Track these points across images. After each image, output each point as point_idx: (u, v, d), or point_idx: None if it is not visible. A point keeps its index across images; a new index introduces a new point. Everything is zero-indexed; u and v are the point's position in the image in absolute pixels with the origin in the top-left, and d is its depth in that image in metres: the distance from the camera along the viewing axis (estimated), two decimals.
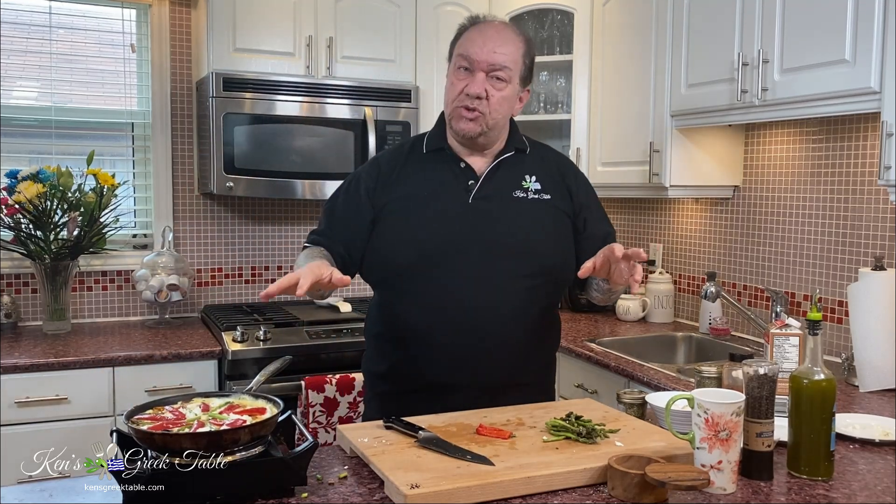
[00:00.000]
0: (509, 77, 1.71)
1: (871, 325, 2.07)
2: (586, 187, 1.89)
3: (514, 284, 1.72)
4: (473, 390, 1.72)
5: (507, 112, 1.75)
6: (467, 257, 1.71)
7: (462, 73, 1.72)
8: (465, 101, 1.70)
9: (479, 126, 1.71)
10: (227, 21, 2.91)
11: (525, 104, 1.85)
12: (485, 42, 1.70)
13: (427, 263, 1.72)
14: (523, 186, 1.79)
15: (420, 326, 1.73)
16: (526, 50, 1.75)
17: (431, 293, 1.72)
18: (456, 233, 1.72)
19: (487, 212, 1.74)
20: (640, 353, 2.59)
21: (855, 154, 2.45)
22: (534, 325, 1.77)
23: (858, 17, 2.00)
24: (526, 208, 1.77)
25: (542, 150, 1.89)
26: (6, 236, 2.86)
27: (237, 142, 2.90)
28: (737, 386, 1.44)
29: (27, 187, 2.72)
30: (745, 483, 1.35)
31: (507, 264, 1.72)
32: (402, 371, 1.78)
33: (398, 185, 1.78)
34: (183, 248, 3.27)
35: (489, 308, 1.71)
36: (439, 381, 1.73)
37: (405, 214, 1.75)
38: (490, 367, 1.73)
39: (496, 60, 1.69)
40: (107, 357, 2.56)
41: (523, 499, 1.26)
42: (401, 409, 1.57)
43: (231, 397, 1.44)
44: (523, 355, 1.77)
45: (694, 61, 2.60)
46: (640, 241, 3.44)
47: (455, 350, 1.71)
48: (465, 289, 1.70)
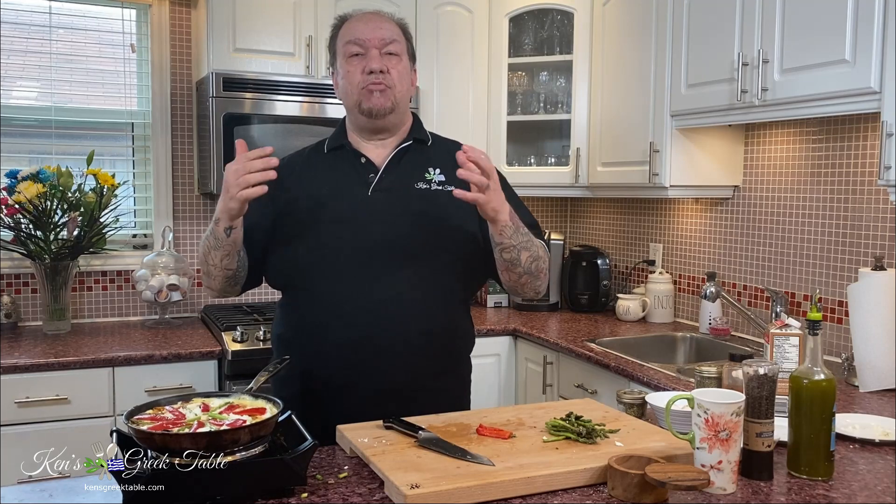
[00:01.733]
0: (400, 51, 1.73)
1: (871, 325, 2.07)
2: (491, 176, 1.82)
3: (415, 280, 1.67)
4: (371, 393, 1.66)
5: (407, 88, 1.76)
6: (366, 253, 1.66)
7: (356, 59, 1.71)
8: (370, 79, 1.69)
9: (389, 100, 1.70)
10: (227, 21, 2.91)
11: (415, 86, 1.83)
12: (367, 23, 1.73)
13: (325, 262, 1.67)
14: (426, 178, 1.74)
15: (316, 326, 1.68)
16: (403, 31, 1.78)
17: (329, 292, 1.67)
18: (355, 229, 1.68)
19: (387, 204, 1.70)
20: (639, 353, 2.59)
21: (855, 154, 2.45)
22: (438, 324, 1.71)
23: (858, 17, 2.00)
24: (428, 200, 1.71)
25: (449, 144, 1.83)
26: (6, 236, 2.86)
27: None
28: (737, 386, 1.44)
29: (27, 187, 2.72)
30: (745, 483, 1.35)
31: (408, 259, 1.67)
32: (305, 375, 1.71)
33: (297, 185, 1.74)
34: (183, 248, 3.27)
35: (387, 305, 1.65)
36: (334, 382, 1.68)
37: (304, 214, 1.71)
38: (388, 368, 1.66)
39: (385, 35, 1.71)
40: (107, 357, 2.56)
41: (523, 499, 1.26)
42: (303, 412, 1.49)
43: (231, 397, 1.43)
44: (427, 355, 1.70)
45: (694, 61, 2.60)
46: (640, 241, 3.45)
47: (351, 350, 1.66)
48: (363, 286, 1.65)
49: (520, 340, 3.10)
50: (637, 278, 3.41)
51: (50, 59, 3.08)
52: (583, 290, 3.41)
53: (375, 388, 1.67)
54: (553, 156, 3.45)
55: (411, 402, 1.64)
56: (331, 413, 1.60)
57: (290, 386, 1.73)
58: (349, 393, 1.67)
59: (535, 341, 2.96)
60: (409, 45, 1.78)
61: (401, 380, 1.68)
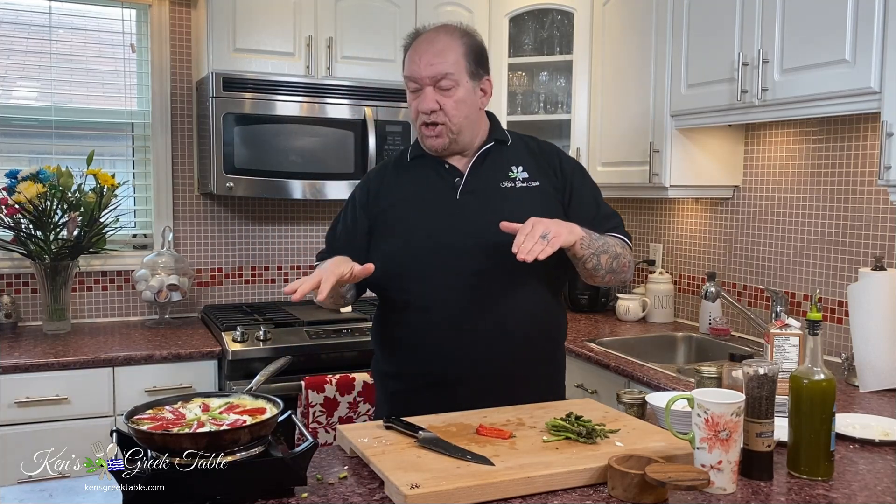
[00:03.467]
0: (455, 81, 1.74)
1: (871, 325, 2.07)
2: (572, 167, 1.87)
3: (509, 276, 1.72)
4: (477, 384, 1.73)
5: (468, 112, 1.77)
6: (460, 254, 1.72)
7: (413, 95, 1.77)
8: (423, 119, 1.75)
9: (445, 138, 1.76)
10: (227, 21, 2.91)
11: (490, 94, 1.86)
12: (420, 58, 1.75)
13: (420, 265, 1.74)
14: (510, 176, 1.80)
15: (422, 327, 1.75)
16: (466, 49, 1.77)
17: (428, 293, 1.74)
18: (446, 231, 1.74)
19: (476, 206, 1.76)
20: (640, 353, 2.59)
21: (855, 154, 2.45)
22: (534, 316, 1.78)
23: (858, 17, 2.00)
24: (515, 197, 1.77)
25: (526, 140, 1.90)
26: (6, 236, 2.86)
27: (237, 142, 2.90)
28: (737, 386, 1.44)
29: (27, 187, 2.72)
30: (745, 483, 1.35)
31: (501, 256, 1.68)
32: (411, 370, 1.80)
33: (388, 195, 1.83)
34: (183, 248, 3.27)
35: (486, 302, 1.72)
36: (445, 377, 1.74)
37: (396, 221, 1.79)
38: (492, 360, 1.74)
39: (434, 72, 1.73)
40: (107, 357, 2.56)
41: (523, 499, 1.26)
42: (412, 406, 1.61)
43: (231, 397, 1.44)
44: (525, 347, 1.78)
45: (694, 61, 2.60)
46: (640, 241, 3.45)
47: (455, 346, 1.72)
48: (460, 286, 1.72)
49: None
50: (637, 278, 3.41)
51: (50, 59, 3.08)
52: (583, 290, 3.41)
53: (478, 380, 1.74)
54: None
55: (508, 389, 1.73)
56: (438, 408, 1.63)
57: (394, 380, 1.83)
58: (455, 386, 1.73)
59: None
60: (472, 63, 1.77)
61: (501, 371, 1.75)
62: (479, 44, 1.82)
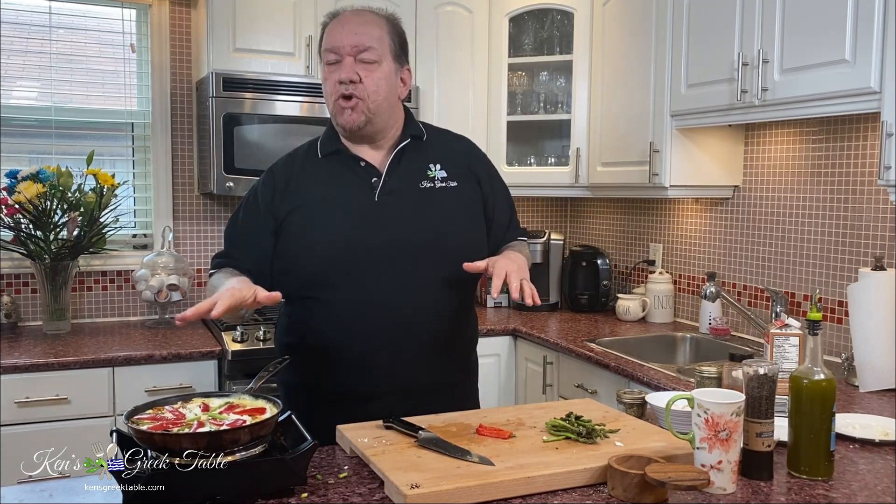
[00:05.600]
0: (378, 56, 1.65)
1: (871, 325, 2.07)
2: (489, 170, 1.84)
3: (430, 281, 1.67)
4: (392, 396, 1.66)
5: (387, 93, 1.67)
6: (379, 259, 1.65)
7: (332, 68, 1.67)
8: (339, 90, 1.64)
9: (361, 114, 1.65)
10: (227, 21, 2.91)
11: (408, 86, 1.77)
12: (343, 27, 1.66)
13: (338, 270, 1.65)
14: (429, 175, 1.73)
15: (336, 336, 1.67)
16: (390, 27, 1.71)
17: (345, 300, 1.65)
18: (365, 234, 1.66)
19: (396, 208, 1.68)
20: (639, 353, 2.59)
21: (855, 154, 2.45)
22: (452, 322, 1.74)
23: (858, 17, 2.00)
24: (434, 199, 1.71)
25: (443, 136, 1.83)
26: (6, 236, 2.86)
27: (237, 142, 2.90)
28: (737, 386, 1.44)
29: (27, 187, 2.72)
30: (745, 483, 1.35)
31: (422, 261, 1.66)
32: (318, 383, 1.72)
33: (297, 194, 1.71)
34: (183, 248, 3.27)
35: (406, 309, 1.66)
36: (357, 390, 1.68)
37: (310, 221, 1.68)
38: (409, 370, 1.68)
39: (358, 41, 1.64)
40: (106, 357, 2.56)
41: (523, 499, 1.26)
42: (318, 420, 1.51)
43: (231, 397, 1.44)
44: (443, 354, 1.73)
45: (694, 61, 2.60)
46: (640, 241, 3.45)
47: (373, 357, 1.66)
48: (380, 292, 1.65)
49: (520, 340, 3.10)
50: (637, 278, 3.41)
51: (50, 59, 3.08)
52: (583, 290, 3.41)
53: (393, 392, 1.67)
54: (553, 156, 3.45)
55: (423, 399, 1.67)
56: (346, 419, 1.57)
57: (299, 393, 1.73)
58: (369, 399, 1.66)
59: (535, 341, 2.96)
60: (396, 44, 1.71)
61: (418, 381, 1.70)
62: (403, 31, 1.75)
